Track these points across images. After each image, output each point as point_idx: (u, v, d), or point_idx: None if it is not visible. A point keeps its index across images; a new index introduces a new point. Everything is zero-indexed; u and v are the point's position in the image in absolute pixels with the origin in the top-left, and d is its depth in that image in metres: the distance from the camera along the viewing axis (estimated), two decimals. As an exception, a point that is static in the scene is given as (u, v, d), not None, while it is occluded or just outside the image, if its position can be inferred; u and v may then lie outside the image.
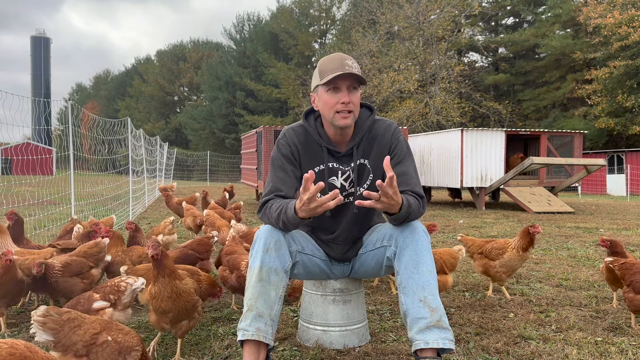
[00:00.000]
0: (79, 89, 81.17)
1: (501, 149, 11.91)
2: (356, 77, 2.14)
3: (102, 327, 1.94)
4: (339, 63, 2.13)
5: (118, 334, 1.93)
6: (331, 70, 2.13)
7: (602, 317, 3.08)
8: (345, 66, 2.12)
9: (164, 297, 2.29)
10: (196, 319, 2.44)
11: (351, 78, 2.14)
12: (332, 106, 2.17)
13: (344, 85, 2.15)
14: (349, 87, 2.16)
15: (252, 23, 44.88)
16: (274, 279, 2.10)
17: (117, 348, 1.89)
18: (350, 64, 2.14)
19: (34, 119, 5.88)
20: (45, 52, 68.43)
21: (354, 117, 2.20)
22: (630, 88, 23.43)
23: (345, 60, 2.14)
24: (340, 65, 2.12)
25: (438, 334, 1.97)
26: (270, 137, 10.59)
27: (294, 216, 2.04)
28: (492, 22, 33.61)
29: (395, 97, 26.74)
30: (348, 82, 2.15)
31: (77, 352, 1.86)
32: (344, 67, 2.12)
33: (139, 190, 11.14)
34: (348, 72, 2.10)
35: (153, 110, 56.35)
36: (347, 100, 2.15)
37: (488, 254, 3.57)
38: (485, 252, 3.59)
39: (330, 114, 2.19)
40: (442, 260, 3.26)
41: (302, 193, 1.96)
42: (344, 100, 2.15)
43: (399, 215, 2.07)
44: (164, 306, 2.30)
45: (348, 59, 2.15)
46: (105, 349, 1.88)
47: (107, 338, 1.90)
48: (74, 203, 6.18)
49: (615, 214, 10.57)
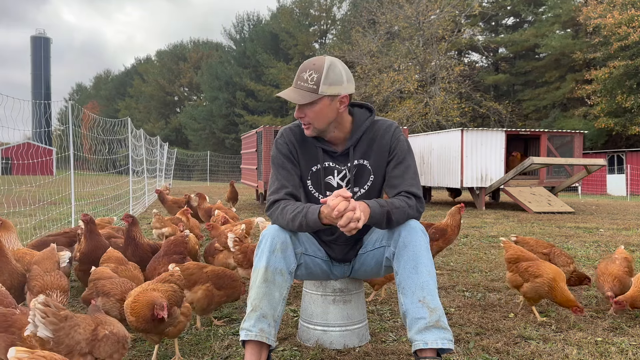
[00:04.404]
0: (79, 89, 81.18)
1: (501, 149, 11.91)
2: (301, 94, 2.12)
3: (95, 323, 1.94)
4: (296, 77, 2.16)
5: (110, 326, 1.96)
6: (293, 82, 2.18)
7: (602, 317, 3.08)
8: (298, 81, 2.14)
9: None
10: (183, 322, 2.38)
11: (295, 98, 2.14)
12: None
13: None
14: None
15: (252, 23, 44.89)
16: (279, 280, 2.10)
17: (116, 339, 1.94)
18: (305, 78, 2.11)
19: (34, 121, 5.87)
20: (45, 52, 68.49)
21: (314, 129, 2.21)
22: (629, 88, 23.42)
23: (302, 74, 2.14)
24: (295, 80, 2.15)
25: (437, 334, 1.98)
26: (270, 137, 10.59)
27: (316, 221, 2.05)
28: (492, 22, 33.60)
29: (395, 97, 26.75)
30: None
31: (81, 350, 1.84)
32: (296, 82, 2.14)
33: (139, 190, 11.14)
34: (282, 96, 2.14)
35: (153, 110, 56.35)
36: (298, 116, 2.19)
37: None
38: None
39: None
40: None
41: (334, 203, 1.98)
42: (295, 115, 2.20)
43: (372, 219, 2.08)
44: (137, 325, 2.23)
45: (306, 71, 2.12)
46: (107, 342, 1.90)
47: (105, 332, 1.92)
48: (74, 203, 6.18)
49: (615, 214, 10.57)
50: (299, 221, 2.09)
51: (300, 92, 2.12)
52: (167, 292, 2.29)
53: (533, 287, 2.96)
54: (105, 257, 3.17)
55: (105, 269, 2.85)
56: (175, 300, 2.32)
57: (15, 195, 7.68)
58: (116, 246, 3.56)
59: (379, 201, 2.11)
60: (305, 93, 2.11)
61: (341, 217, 1.95)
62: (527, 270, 3.01)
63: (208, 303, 2.80)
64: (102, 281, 2.65)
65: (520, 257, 3.14)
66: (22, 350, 1.39)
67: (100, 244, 3.44)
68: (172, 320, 2.27)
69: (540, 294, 2.97)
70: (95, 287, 2.62)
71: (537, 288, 2.94)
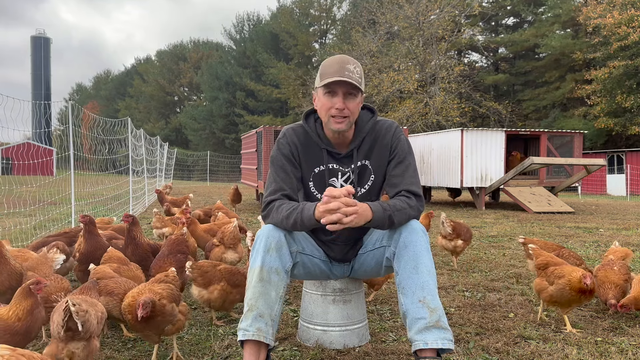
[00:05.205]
0: (79, 89, 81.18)
1: (501, 149, 11.92)
2: (353, 85, 2.13)
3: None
4: (339, 67, 2.13)
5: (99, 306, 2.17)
6: (330, 74, 2.13)
7: (602, 317, 3.08)
8: (345, 71, 2.12)
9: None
10: (182, 321, 2.41)
11: (348, 85, 2.13)
12: (328, 110, 2.18)
13: (341, 90, 2.14)
14: (346, 93, 2.15)
15: (252, 23, 44.89)
16: (274, 279, 2.10)
17: (102, 317, 2.13)
18: (352, 69, 2.13)
19: (34, 122, 5.88)
20: (45, 52, 68.49)
21: (349, 123, 2.20)
22: (629, 88, 23.43)
23: (347, 65, 2.13)
24: (339, 70, 2.12)
25: (437, 334, 1.98)
26: (270, 137, 10.58)
27: (311, 218, 2.05)
28: (492, 22, 33.60)
29: (395, 97, 26.75)
30: (345, 88, 2.14)
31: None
32: (343, 72, 2.11)
33: (139, 190, 11.14)
34: (344, 80, 2.10)
35: (153, 110, 56.35)
36: (342, 107, 2.15)
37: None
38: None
39: (326, 117, 2.21)
40: None
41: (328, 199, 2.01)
42: (338, 106, 2.15)
43: (374, 222, 2.09)
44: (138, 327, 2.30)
45: (350, 64, 2.14)
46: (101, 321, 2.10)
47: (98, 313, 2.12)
48: (74, 203, 6.18)
49: (615, 214, 10.57)
50: (294, 218, 2.09)
51: (352, 81, 2.13)
52: (165, 291, 2.32)
53: (558, 289, 2.87)
54: (107, 257, 3.18)
55: (106, 268, 2.86)
56: (173, 298, 2.34)
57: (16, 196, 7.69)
58: (116, 247, 3.57)
59: (382, 204, 2.12)
60: (356, 84, 2.14)
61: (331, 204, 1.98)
62: (553, 273, 2.97)
63: (223, 301, 2.88)
64: (104, 280, 2.67)
65: (550, 263, 3.10)
66: (5, 348, 1.42)
67: (100, 245, 3.45)
68: (170, 318, 2.29)
69: (565, 296, 2.86)
70: (98, 287, 2.63)
71: (562, 290, 2.85)
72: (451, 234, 4.58)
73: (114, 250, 3.28)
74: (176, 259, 3.24)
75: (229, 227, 3.94)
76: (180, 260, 3.23)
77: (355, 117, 2.22)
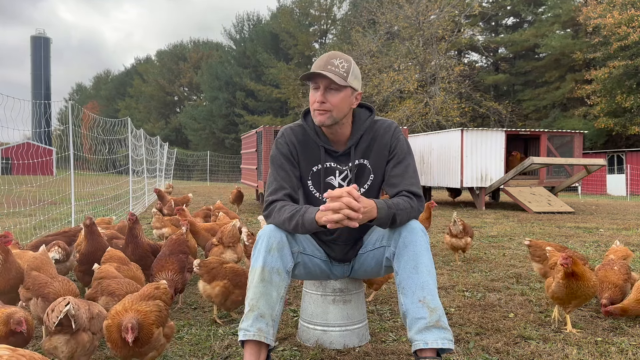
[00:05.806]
0: (79, 89, 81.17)
1: (501, 149, 11.92)
2: (331, 79, 2.12)
3: (87, 303, 2.25)
4: (324, 62, 2.14)
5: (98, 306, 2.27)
6: (315, 67, 2.15)
7: (602, 317, 3.08)
8: (328, 65, 2.12)
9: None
10: (164, 344, 2.20)
11: (328, 79, 2.13)
12: (312, 103, 2.20)
13: (322, 84, 2.15)
14: (327, 87, 2.15)
15: (252, 23, 44.87)
16: (276, 279, 2.10)
17: (102, 316, 2.21)
18: (337, 64, 2.13)
19: (34, 121, 5.88)
20: (45, 52, 68.49)
21: (331, 117, 2.18)
22: (629, 88, 23.43)
23: (332, 60, 2.14)
24: (323, 65, 2.13)
25: (437, 334, 1.98)
26: (270, 137, 10.58)
27: (312, 222, 2.04)
28: (492, 22, 33.61)
29: (395, 97, 26.75)
30: (326, 82, 2.14)
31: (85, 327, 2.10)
32: (326, 66, 2.12)
33: (139, 190, 11.14)
34: (321, 72, 2.10)
35: (153, 110, 56.34)
36: (321, 100, 2.15)
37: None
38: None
39: (312, 111, 2.22)
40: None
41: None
42: (318, 99, 2.16)
43: (379, 220, 2.08)
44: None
45: (336, 59, 2.14)
46: (98, 319, 2.19)
47: (96, 310, 2.22)
48: (74, 203, 6.18)
49: (615, 214, 10.57)
50: (296, 220, 2.09)
51: (332, 74, 2.12)
52: (152, 313, 2.10)
53: (555, 283, 2.88)
54: (107, 257, 3.17)
55: (110, 268, 2.86)
56: (160, 321, 2.12)
57: (16, 195, 7.69)
58: (116, 247, 3.57)
59: (387, 202, 2.11)
60: (336, 77, 2.12)
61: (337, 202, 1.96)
62: (553, 269, 3.04)
63: (224, 299, 2.90)
64: (107, 280, 2.66)
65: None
66: (5, 348, 1.42)
67: (101, 245, 3.45)
68: (155, 344, 2.10)
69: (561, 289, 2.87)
70: (100, 287, 2.63)
71: (558, 284, 2.85)
72: (462, 232, 4.82)
73: (114, 250, 3.28)
74: (177, 259, 3.25)
75: (227, 227, 3.95)
76: (181, 260, 3.25)
77: (341, 112, 2.20)
